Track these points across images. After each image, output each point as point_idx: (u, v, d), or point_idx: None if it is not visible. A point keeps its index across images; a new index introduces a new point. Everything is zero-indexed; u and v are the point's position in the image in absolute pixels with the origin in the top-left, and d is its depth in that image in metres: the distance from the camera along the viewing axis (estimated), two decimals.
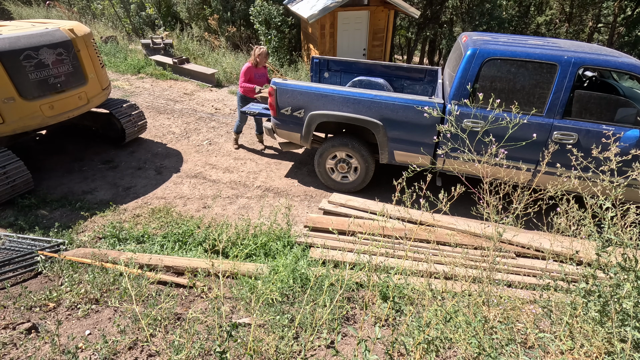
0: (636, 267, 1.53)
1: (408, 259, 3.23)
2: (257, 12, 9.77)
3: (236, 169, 5.11)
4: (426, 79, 5.34)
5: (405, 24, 15.81)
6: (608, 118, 3.49)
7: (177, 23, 12.75)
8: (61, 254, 3.13)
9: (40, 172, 4.72)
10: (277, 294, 2.71)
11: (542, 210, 2.08)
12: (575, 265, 2.80)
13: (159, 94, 7.92)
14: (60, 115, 4.46)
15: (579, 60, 3.41)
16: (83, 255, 3.14)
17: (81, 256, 3.13)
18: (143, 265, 3.01)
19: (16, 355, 2.27)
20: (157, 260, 3.06)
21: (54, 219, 3.90)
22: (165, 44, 9.81)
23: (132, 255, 3.10)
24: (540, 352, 1.67)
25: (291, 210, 4.14)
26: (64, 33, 4.44)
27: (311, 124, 4.25)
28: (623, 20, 15.53)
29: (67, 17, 13.41)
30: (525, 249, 3.37)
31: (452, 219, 3.75)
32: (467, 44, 3.80)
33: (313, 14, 8.01)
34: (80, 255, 3.15)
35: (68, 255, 3.14)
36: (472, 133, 3.53)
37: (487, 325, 1.83)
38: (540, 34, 16.03)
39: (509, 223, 2.06)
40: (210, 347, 2.30)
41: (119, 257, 3.08)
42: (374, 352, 2.31)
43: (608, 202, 1.61)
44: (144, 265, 3.01)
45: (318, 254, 3.21)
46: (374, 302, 2.84)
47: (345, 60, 5.55)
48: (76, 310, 2.70)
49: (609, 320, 1.57)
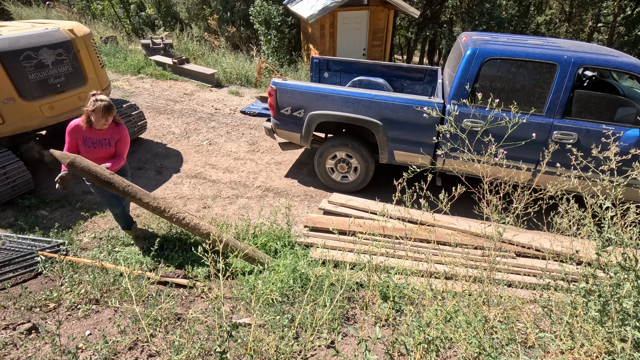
0: (636, 267, 1.53)
1: (408, 258, 3.23)
2: (256, 12, 9.77)
3: (236, 169, 5.11)
4: (426, 78, 5.34)
5: (405, 23, 15.81)
6: (608, 118, 3.49)
7: (177, 23, 12.75)
8: (61, 255, 3.13)
9: (40, 172, 4.72)
10: (277, 294, 2.71)
11: (542, 210, 2.08)
12: (576, 265, 2.80)
13: (159, 94, 7.92)
14: (60, 116, 4.46)
15: (578, 60, 3.41)
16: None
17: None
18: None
19: (16, 355, 2.27)
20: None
21: (54, 219, 3.90)
22: (165, 44, 9.80)
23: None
24: (541, 351, 1.67)
25: (291, 210, 4.14)
26: (63, 33, 4.44)
27: (311, 124, 4.25)
28: (623, 19, 15.53)
29: (67, 17, 13.41)
30: (526, 249, 3.37)
31: (453, 219, 3.75)
32: (467, 44, 3.80)
33: (313, 14, 8.01)
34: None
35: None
36: (471, 133, 3.53)
37: (488, 325, 1.83)
38: (540, 33, 16.03)
39: (509, 223, 2.06)
40: (211, 347, 2.30)
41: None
42: (374, 352, 2.31)
43: (608, 202, 1.61)
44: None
45: (318, 254, 3.21)
46: (374, 302, 2.84)
47: (345, 60, 5.54)
48: (76, 310, 2.70)
49: (609, 320, 1.57)
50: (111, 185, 2.73)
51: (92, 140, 2.89)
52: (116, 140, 2.97)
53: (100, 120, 2.79)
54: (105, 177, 2.70)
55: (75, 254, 3.31)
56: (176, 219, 2.89)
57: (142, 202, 2.82)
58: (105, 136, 2.92)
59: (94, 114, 2.76)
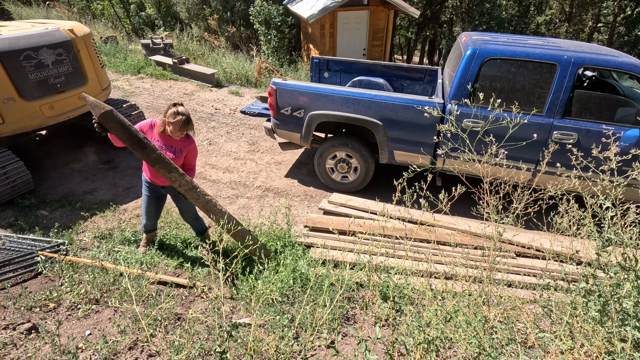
0: (636, 267, 1.53)
1: (408, 258, 3.23)
2: (256, 12, 9.77)
3: (236, 169, 5.11)
4: (426, 78, 5.34)
5: (405, 23, 15.81)
6: (608, 118, 3.49)
7: (177, 23, 12.75)
8: (60, 255, 3.13)
9: (40, 172, 4.72)
10: (277, 294, 2.71)
11: (542, 210, 2.08)
12: (575, 265, 2.80)
13: (159, 94, 7.92)
14: (60, 116, 4.46)
15: (578, 60, 3.41)
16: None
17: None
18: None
19: (16, 355, 2.27)
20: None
21: (54, 219, 3.90)
22: (165, 44, 9.80)
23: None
24: (541, 351, 1.67)
25: (291, 210, 4.14)
26: (63, 33, 4.44)
27: (311, 124, 4.25)
28: (623, 19, 15.53)
29: (67, 17, 13.41)
30: (526, 249, 3.37)
31: (452, 219, 3.75)
32: (467, 44, 3.80)
33: (313, 14, 8.01)
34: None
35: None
36: (472, 133, 3.53)
37: (487, 325, 1.83)
38: (540, 33, 16.03)
39: (509, 223, 2.06)
40: (211, 347, 2.30)
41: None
42: (374, 352, 2.31)
43: (608, 202, 1.61)
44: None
45: (318, 254, 3.21)
46: (374, 302, 2.84)
47: (345, 60, 5.54)
48: (76, 310, 2.70)
49: (609, 320, 1.57)
50: (144, 149, 2.48)
51: (160, 144, 2.82)
52: (184, 152, 2.89)
53: (177, 133, 2.73)
54: (139, 138, 2.47)
55: (75, 254, 3.31)
56: (202, 195, 2.74)
57: (176, 177, 2.61)
58: (173, 144, 2.85)
59: (172, 125, 2.69)
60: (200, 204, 2.77)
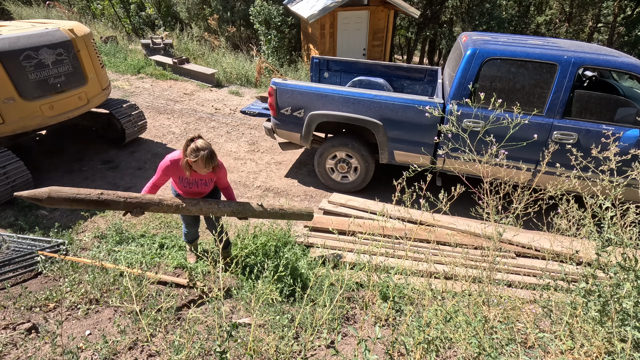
0: (636, 267, 1.53)
1: (408, 258, 3.23)
2: (257, 12, 9.77)
3: (236, 169, 5.11)
4: (426, 78, 5.34)
5: (405, 23, 15.82)
6: (608, 118, 3.49)
7: (177, 23, 12.76)
8: (60, 255, 3.12)
9: (40, 172, 4.72)
10: (277, 294, 2.71)
11: (542, 210, 2.08)
12: (575, 265, 2.80)
13: (159, 94, 7.92)
14: (60, 116, 4.46)
15: (578, 60, 3.42)
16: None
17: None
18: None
19: (16, 355, 2.27)
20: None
21: (54, 219, 3.90)
22: (165, 44, 9.80)
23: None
24: (540, 352, 1.67)
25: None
26: (63, 33, 4.44)
27: (311, 124, 4.25)
28: (623, 20, 15.54)
29: (67, 17, 13.41)
30: (525, 249, 3.37)
31: (452, 219, 3.75)
32: (467, 44, 3.80)
33: (313, 14, 8.01)
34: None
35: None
36: (472, 133, 3.53)
37: (487, 325, 1.83)
38: (540, 33, 16.03)
39: (509, 223, 2.06)
40: (211, 347, 2.30)
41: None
42: (374, 352, 2.31)
43: (608, 202, 1.61)
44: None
45: (318, 254, 3.21)
46: (374, 302, 2.84)
47: (345, 60, 5.55)
48: (76, 310, 2.70)
49: (609, 320, 1.57)
50: (108, 205, 2.37)
51: (189, 181, 2.67)
52: (214, 180, 2.79)
53: (203, 170, 2.48)
54: (96, 199, 2.34)
55: (75, 254, 3.31)
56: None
57: (156, 207, 2.59)
58: (203, 177, 2.68)
59: (195, 165, 2.45)
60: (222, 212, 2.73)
